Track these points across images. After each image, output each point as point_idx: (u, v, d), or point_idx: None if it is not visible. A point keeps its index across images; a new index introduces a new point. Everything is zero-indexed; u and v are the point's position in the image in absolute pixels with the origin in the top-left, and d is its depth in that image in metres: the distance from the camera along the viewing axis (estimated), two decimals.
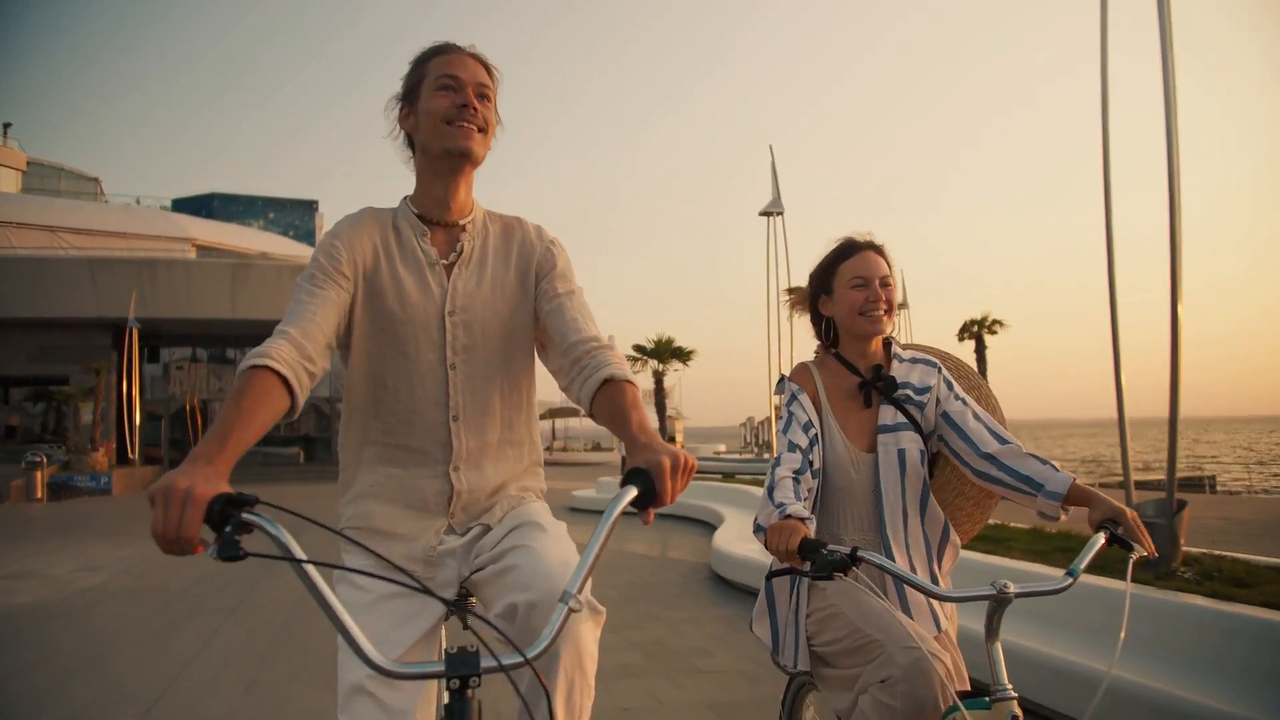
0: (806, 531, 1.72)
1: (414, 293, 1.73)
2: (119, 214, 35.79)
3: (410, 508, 1.73)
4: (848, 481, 2.09)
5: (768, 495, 1.90)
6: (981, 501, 2.26)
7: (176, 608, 6.78)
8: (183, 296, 26.62)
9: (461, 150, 1.71)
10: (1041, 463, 1.95)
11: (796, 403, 2.11)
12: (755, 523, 1.88)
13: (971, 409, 2.10)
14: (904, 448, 2.08)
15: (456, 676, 1.13)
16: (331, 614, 1.12)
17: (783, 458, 1.99)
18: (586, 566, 1.21)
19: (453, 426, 1.74)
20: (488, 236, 1.82)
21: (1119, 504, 1.80)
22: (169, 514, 1.15)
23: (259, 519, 1.16)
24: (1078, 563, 1.66)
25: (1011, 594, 1.61)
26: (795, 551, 1.68)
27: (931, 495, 2.12)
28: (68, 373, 27.41)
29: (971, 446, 2.04)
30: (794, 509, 1.79)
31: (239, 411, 1.38)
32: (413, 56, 1.80)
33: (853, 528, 2.09)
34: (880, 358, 2.19)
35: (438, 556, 1.71)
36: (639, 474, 1.30)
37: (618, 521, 1.24)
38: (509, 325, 1.79)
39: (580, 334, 1.69)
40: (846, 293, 2.13)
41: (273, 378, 1.47)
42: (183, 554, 1.17)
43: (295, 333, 1.56)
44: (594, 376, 1.60)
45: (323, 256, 1.70)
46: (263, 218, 59.12)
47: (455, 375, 1.74)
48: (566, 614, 1.18)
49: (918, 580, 1.66)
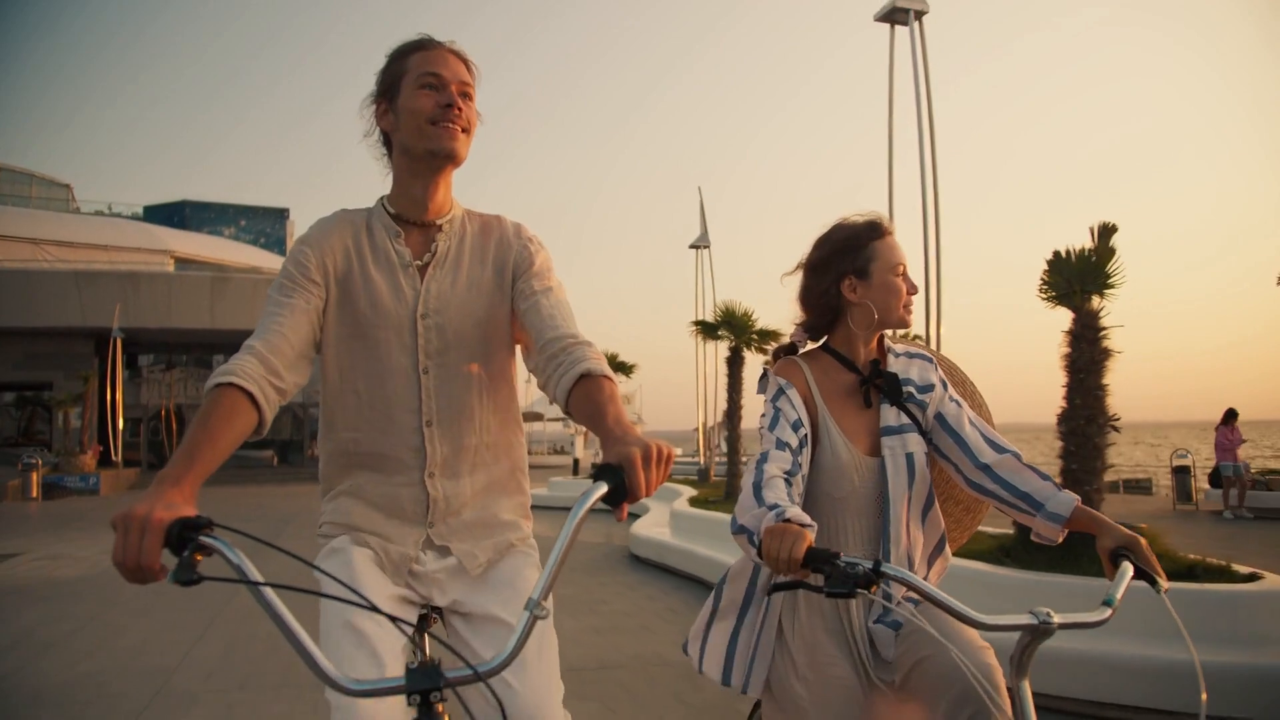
0: (810, 538, 1.49)
1: (385, 295, 1.69)
2: (100, 227, 37.03)
3: (388, 513, 1.69)
4: (849, 490, 1.84)
5: (753, 493, 1.64)
6: (972, 507, 2.08)
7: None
8: (163, 308, 28.05)
9: (447, 151, 1.67)
10: (1042, 478, 1.77)
11: (784, 398, 1.85)
12: (735, 523, 1.64)
13: (966, 413, 1.89)
14: (911, 451, 1.85)
15: (417, 692, 1.10)
16: (290, 634, 1.10)
17: (770, 454, 1.74)
18: (551, 573, 1.16)
19: (426, 432, 1.69)
20: (465, 236, 1.77)
21: (1127, 530, 1.63)
22: (129, 542, 1.13)
23: (215, 542, 1.14)
24: (1113, 594, 1.50)
25: (1055, 625, 1.41)
26: (800, 561, 1.44)
27: (935, 502, 1.91)
28: (51, 379, 28.78)
29: (968, 455, 1.83)
30: (793, 512, 1.55)
31: (206, 431, 1.37)
32: (389, 50, 1.74)
33: (852, 541, 1.85)
34: (876, 352, 1.96)
35: (415, 573, 1.68)
36: (609, 469, 1.23)
37: (584, 520, 1.16)
38: (485, 327, 1.73)
39: (556, 331, 1.63)
40: (890, 279, 1.87)
41: (239, 395, 1.45)
42: (144, 582, 1.15)
43: (262, 348, 1.53)
44: (570, 372, 1.54)
45: (291, 265, 1.68)
46: (234, 225, 60.03)
47: (428, 379, 1.69)
48: (532, 621, 1.13)
49: (953, 604, 1.41)
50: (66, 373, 28.05)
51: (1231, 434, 13.86)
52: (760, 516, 1.57)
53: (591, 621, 6.33)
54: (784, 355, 2.00)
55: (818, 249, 1.95)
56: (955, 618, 1.41)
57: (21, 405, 31.65)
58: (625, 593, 7.61)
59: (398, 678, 1.11)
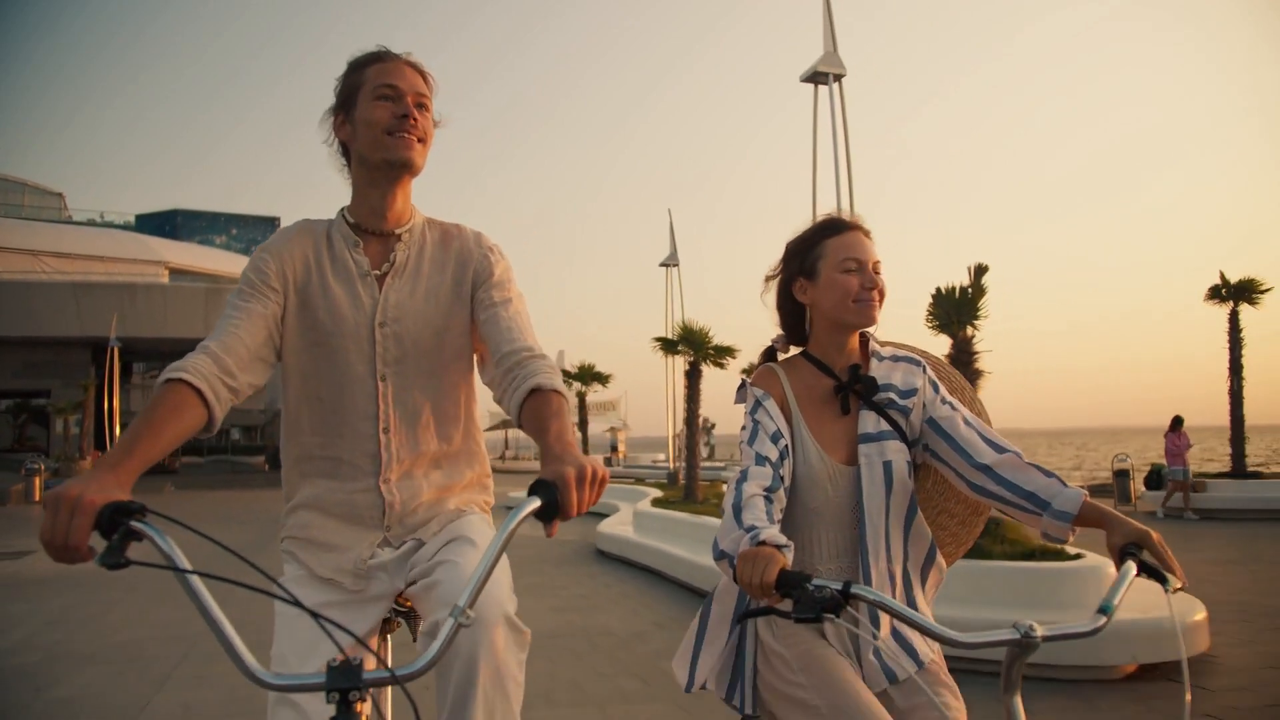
0: (785, 561, 1.41)
1: (344, 304, 1.70)
2: (96, 238, 37.96)
3: (345, 520, 1.71)
4: (823, 501, 1.78)
5: (733, 516, 1.57)
6: (968, 519, 1.99)
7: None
8: (159, 318, 28.96)
9: (403, 161, 1.69)
10: (1046, 475, 1.67)
11: (762, 409, 1.79)
12: (717, 548, 1.57)
13: (961, 414, 1.82)
14: (890, 459, 1.77)
15: (336, 690, 1.08)
16: (214, 624, 1.11)
17: (749, 471, 1.67)
18: (479, 580, 1.16)
19: (383, 439, 1.71)
20: (425, 245, 1.78)
21: (1140, 525, 1.52)
22: (58, 520, 1.14)
23: (147, 528, 1.14)
24: (1110, 599, 1.39)
25: (1039, 638, 1.32)
26: (772, 585, 1.36)
27: (919, 512, 1.84)
28: (49, 387, 29.68)
29: (965, 457, 1.75)
30: (769, 534, 1.48)
31: (149, 423, 1.39)
32: (346, 62, 1.75)
33: (827, 554, 1.79)
34: (857, 356, 1.88)
35: (368, 570, 1.68)
36: (544, 485, 1.25)
37: (514, 533, 1.18)
38: (444, 335, 1.74)
39: (513, 344, 1.64)
40: (836, 276, 1.80)
41: (188, 391, 1.46)
42: (71, 562, 1.16)
43: (216, 347, 1.55)
44: (522, 386, 1.55)
45: (251, 271, 1.69)
46: (225, 233, 60.83)
47: (386, 387, 1.71)
48: (455, 629, 1.14)
49: (929, 624, 1.35)
50: (64, 381, 28.99)
51: (1179, 439, 14.73)
52: (738, 540, 1.51)
53: (551, 602, 7.35)
54: (764, 363, 1.94)
55: (782, 258, 1.95)
56: (932, 638, 1.36)
57: (18, 413, 32.51)
58: (585, 580, 8.64)
59: (318, 674, 1.09)
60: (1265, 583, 7.81)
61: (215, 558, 1.14)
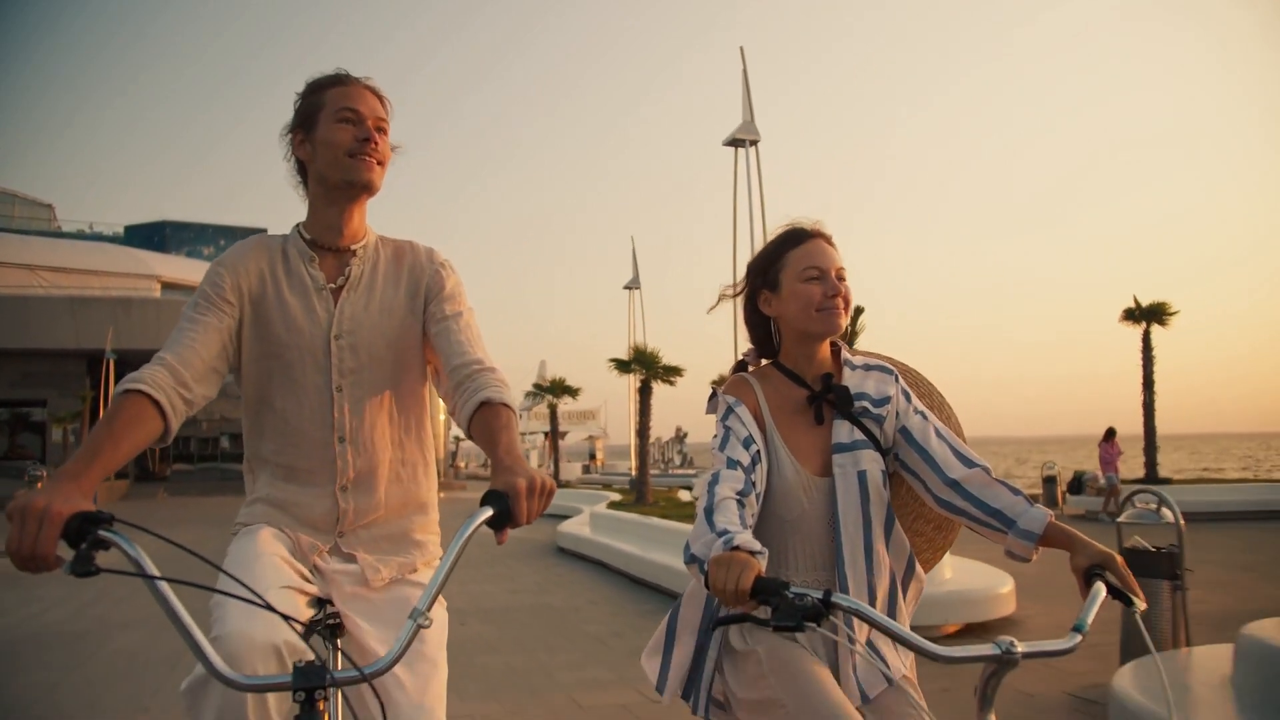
0: (760, 567, 1.38)
1: (300, 317, 1.74)
2: (89, 252, 39.02)
3: (300, 521, 1.75)
4: (798, 513, 1.74)
5: (705, 519, 1.54)
6: (943, 525, 1.95)
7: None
8: (152, 330, 30.03)
9: (364, 182, 1.74)
10: (1013, 493, 1.66)
11: (734, 415, 1.75)
12: (688, 552, 1.51)
13: (933, 425, 1.79)
14: (864, 469, 1.74)
15: (303, 689, 1.14)
16: (183, 629, 1.17)
17: (721, 474, 1.64)
18: (436, 585, 1.22)
19: (339, 448, 1.74)
20: (378, 260, 1.83)
21: (1103, 546, 1.54)
22: (25, 531, 1.18)
23: (115, 536, 1.17)
24: (1084, 618, 1.41)
25: (1019, 654, 1.33)
26: (748, 592, 1.33)
27: (897, 521, 1.79)
28: (46, 397, 30.86)
29: (935, 470, 1.72)
30: (742, 539, 1.43)
31: (109, 434, 1.43)
32: (305, 83, 1.80)
33: (803, 566, 1.75)
34: (829, 365, 1.85)
35: (317, 569, 1.72)
36: (496, 495, 1.31)
37: (469, 540, 1.24)
38: (398, 348, 1.79)
39: (464, 357, 1.69)
40: (798, 286, 1.78)
41: (145, 402, 1.50)
42: (38, 571, 1.19)
43: (172, 359, 1.58)
44: (473, 399, 1.60)
45: (207, 285, 1.73)
46: (214, 244, 61.58)
47: (342, 398, 1.75)
48: (415, 630, 1.20)
49: (911, 637, 1.35)
50: (60, 390, 30.22)
51: (1111, 448, 15.95)
52: (710, 544, 1.46)
53: (507, 586, 8.77)
54: (735, 373, 1.92)
55: (746, 273, 1.93)
56: (914, 651, 1.35)
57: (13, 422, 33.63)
58: (542, 571, 10.06)
59: (285, 675, 1.16)
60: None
61: (184, 561, 1.18)
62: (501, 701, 4.67)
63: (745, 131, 11.39)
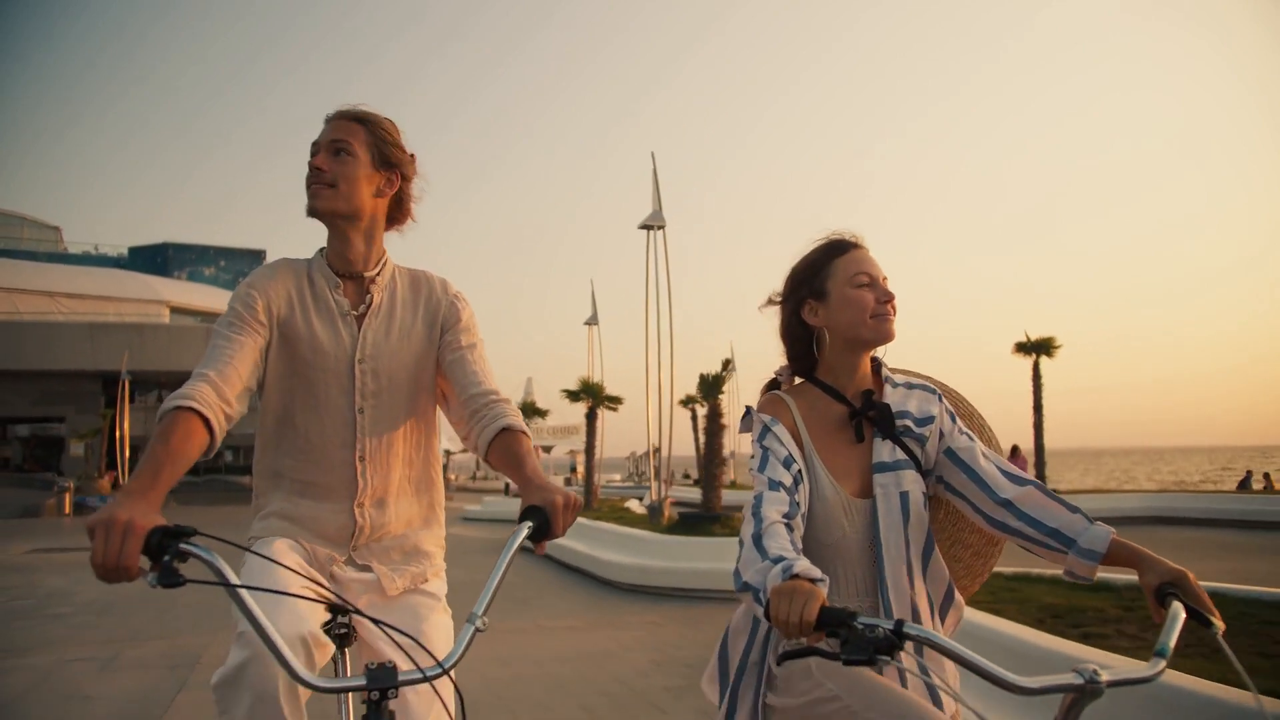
0: (823, 596, 1.30)
1: (326, 341, 1.81)
2: (104, 279, 41.76)
3: (315, 534, 1.82)
4: (839, 536, 1.67)
5: (754, 545, 1.47)
6: (983, 550, 1.89)
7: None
8: (164, 353, 32.70)
9: (311, 210, 1.80)
10: (1071, 510, 1.60)
11: (771, 435, 1.69)
12: (739, 579, 1.46)
13: (980, 446, 1.74)
14: (906, 490, 1.68)
15: (377, 689, 1.23)
16: (264, 635, 1.23)
17: (764, 497, 1.57)
18: (491, 591, 1.35)
19: (359, 466, 1.82)
20: (396, 289, 1.91)
21: (1173, 564, 1.47)
22: (109, 544, 1.24)
23: (196, 548, 1.25)
24: (1165, 643, 1.35)
25: (1104, 684, 1.26)
26: (812, 624, 1.26)
27: (936, 546, 1.74)
28: (64, 414, 33.65)
29: (986, 491, 1.67)
30: (801, 566, 1.36)
31: (167, 450, 1.48)
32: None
33: (846, 593, 1.69)
34: (869, 382, 1.79)
35: (333, 576, 1.80)
36: (535, 511, 1.45)
37: (518, 551, 1.39)
38: (414, 373, 1.87)
39: (480, 387, 1.80)
40: (850, 292, 1.72)
41: (195, 418, 1.56)
42: (119, 581, 1.25)
43: (214, 375, 1.65)
44: (492, 425, 1.72)
45: (239, 304, 1.79)
46: (214, 265, 63.63)
47: (363, 419, 1.82)
48: (474, 633, 1.31)
49: (990, 667, 1.23)
50: (78, 408, 33.10)
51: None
52: (765, 571, 1.39)
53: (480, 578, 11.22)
54: (769, 391, 1.85)
55: (785, 282, 1.85)
56: (991, 681, 1.22)
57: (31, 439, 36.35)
58: (523, 571, 11.28)
59: (358, 676, 1.26)
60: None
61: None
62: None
63: (653, 219, 14.18)
